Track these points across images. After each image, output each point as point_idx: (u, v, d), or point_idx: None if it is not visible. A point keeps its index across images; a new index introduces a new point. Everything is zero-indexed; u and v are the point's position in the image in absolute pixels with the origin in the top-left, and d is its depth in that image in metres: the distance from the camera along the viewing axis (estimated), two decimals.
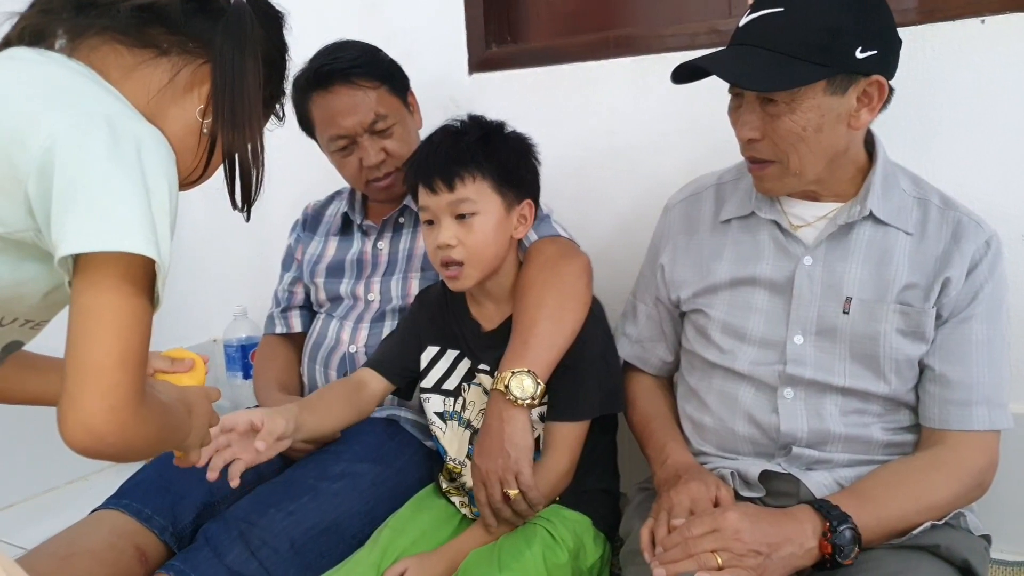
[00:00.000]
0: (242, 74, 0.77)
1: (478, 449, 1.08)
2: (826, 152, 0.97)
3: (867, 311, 0.99)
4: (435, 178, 1.10)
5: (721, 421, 1.08)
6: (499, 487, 1.06)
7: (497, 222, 1.13)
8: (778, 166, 0.99)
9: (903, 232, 1.00)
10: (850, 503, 0.92)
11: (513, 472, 1.05)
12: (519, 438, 1.06)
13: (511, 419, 1.07)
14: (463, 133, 1.14)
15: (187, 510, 1.19)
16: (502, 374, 1.08)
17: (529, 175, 1.18)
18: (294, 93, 1.37)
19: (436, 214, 1.12)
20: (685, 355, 1.17)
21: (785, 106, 0.94)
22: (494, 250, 1.13)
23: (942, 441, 0.98)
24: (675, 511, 0.96)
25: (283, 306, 1.54)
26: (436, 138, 1.16)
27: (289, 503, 1.16)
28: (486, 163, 1.11)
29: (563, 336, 1.12)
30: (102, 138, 0.65)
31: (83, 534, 1.13)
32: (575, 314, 1.14)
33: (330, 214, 1.53)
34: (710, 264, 1.10)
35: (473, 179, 1.11)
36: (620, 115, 1.47)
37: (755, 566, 0.87)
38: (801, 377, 1.02)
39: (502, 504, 1.06)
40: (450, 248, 1.11)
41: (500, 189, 1.13)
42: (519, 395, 1.06)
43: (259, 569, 1.10)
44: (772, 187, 1.02)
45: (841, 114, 0.95)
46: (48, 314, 0.78)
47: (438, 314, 1.24)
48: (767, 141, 0.97)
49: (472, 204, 1.11)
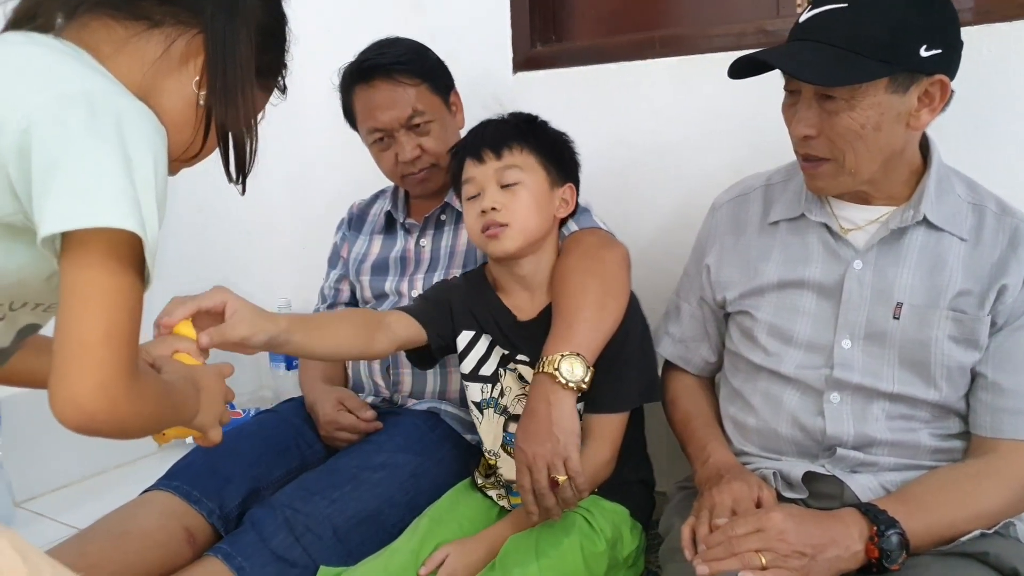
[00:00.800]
0: (234, 42, 0.77)
1: (523, 434, 1.06)
2: (883, 152, 0.96)
3: (918, 317, 0.98)
4: (483, 148, 1.14)
5: (765, 422, 1.07)
6: (546, 472, 1.03)
7: (541, 195, 1.16)
8: (833, 164, 0.98)
9: (957, 238, 0.99)
10: (898, 508, 0.91)
11: (562, 457, 1.03)
12: (567, 422, 1.05)
13: (559, 402, 1.05)
14: (509, 119, 1.20)
15: (233, 494, 1.23)
16: (550, 357, 1.07)
17: (571, 163, 1.22)
18: (340, 85, 1.41)
19: (482, 184, 1.15)
20: (729, 356, 1.17)
21: (844, 103, 0.93)
22: (537, 221, 1.15)
23: (994, 449, 0.97)
24: (717, 510, 0.95)
25: (329, 302, 1.57)
26: (482, 124, 1.21)
27: (332, 491, 1.18)
28: (532, 139, 1.16)
29: (607, 323, 1.12)
30: (79, 114, 0.64)
31: (135, 514, 1.17)
32: (618, 302, 1.14)
33: (374, 213, 1.56)
34: (757, 265, 1.09)
35: (521, 150, 1.15)
36: (664, 115, 1.47)
37: (799, 567, 0.86)
38: (848, 382, 1.01)
39: (547, 491, 1.04)
40: (495, 212, 1.12)
41: (545, 164, 1.16)
42: (569, 378, 1.05)
43: (303, 555, 1.13)
44: (825, 186, 1.01)
45: (901, 113, 0.94)
46: (57, 296, 0.80)
47: (472, 299, 1.24)
48: (823, 138, 0.96)
49: (518, 172, 1.14)
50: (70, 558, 1.07)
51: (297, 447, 1.36)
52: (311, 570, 1.11)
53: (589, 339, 1.09)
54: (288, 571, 1.11)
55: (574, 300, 1.12)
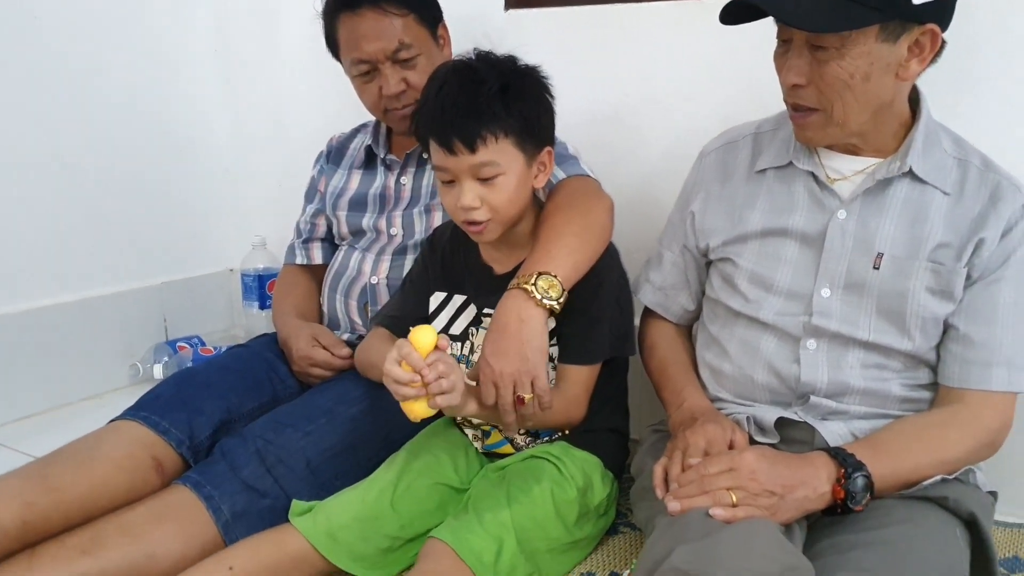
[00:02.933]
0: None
1: (491, 348, 1.03)
2: (871, 102, 0.96)
3: (898, 268, 0.99)
4: (453, 139, 1.03)
5: (740, 369, 1.08)
6: (511, 389, 1.02)
7: (519, 178, 1.09)
8: (821, 115, 0.98)
9: (940, 191, 1.00)
10: (866, 453, 0.93)
11: (530, 376, 1.02)
12: (538, 340, 1.03)
13: (530, 319, 1.03)
14: (480, 83, 1.05)
15: (204, 425, 1.22)
16: (526, 274, 1.05)
17: (547, 120, 1.13)
18: (323, 11, 1.36)
19: (456, 175, 1.07)
20: (708, 303, 1.17)
21: (835, 51, 0.92)
22: (518, 206, 1.11)
23: (960, 399, 0.99)
24: (690, 451, 0.97)
25: (304, 237, 1.55)
26: (450, 88, 1.06)
27: (307, 424, 1.18)
28: (508, 119, 1.05)
29: (585, 256, 1.10)
30: None
31: (101, 441, 1.15)
32: (599, 241, 1.13)
33: (354, 147, 1.52)
34: (742, 213, 1.09)
35: (496, 139, 1.04)
36: (657, 60, 1.45)
37: (768, 506, 0.88)
38: (826, 329, 1.02)
39: (511, 407, 1.03)
40: (474, 210, 1.07)
41: (522, 145, 1.08)
42: (543, 295, 1.03)
43: (274, 485, 1.12)
44: (813, 136, 1.01)
45: (891, 63, 0.93)
46: None
47: (449, 256, 1.23)
48: (812, 88, 0.96)
49: (495, 167, 1.06)
50: (31, 481, 1.06)
51: (270, 381, 1.35)
52: (282, 501, 1.11)
53: (567, 265, 1.07)
54: (259, 501, 1.11)
55: (556, 230, 1.11)
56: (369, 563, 1.06)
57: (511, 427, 1.06)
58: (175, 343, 1.81)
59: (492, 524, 1.03)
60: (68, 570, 0.99)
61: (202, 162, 1.98)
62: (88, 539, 1.03)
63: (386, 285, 1.37)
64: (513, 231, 1.17)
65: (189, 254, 1.97)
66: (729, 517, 0.86)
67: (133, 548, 1.02)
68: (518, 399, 1.02)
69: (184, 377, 1.33)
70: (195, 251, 1.99)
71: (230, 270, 2.05)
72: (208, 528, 1.07)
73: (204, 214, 2.00)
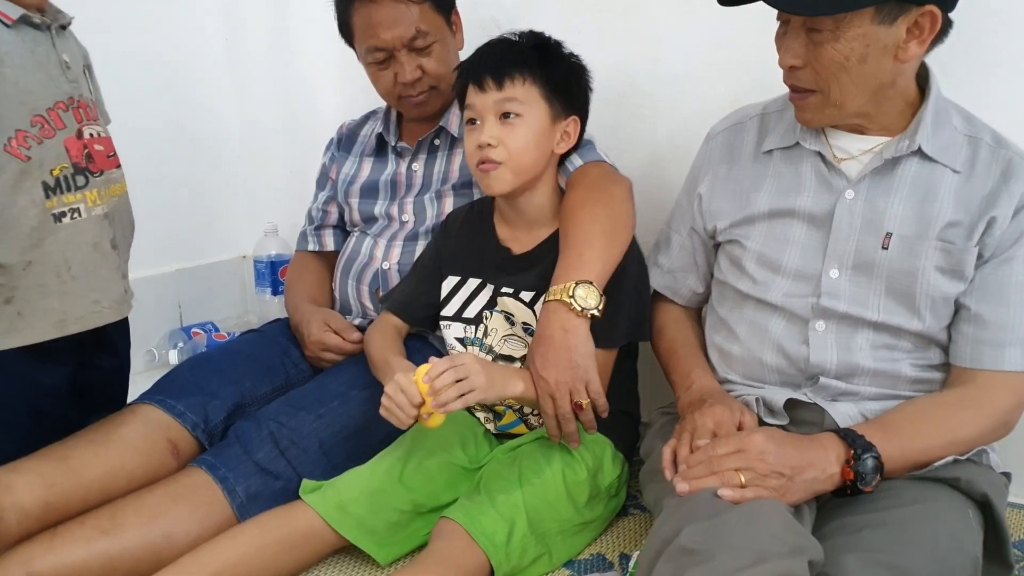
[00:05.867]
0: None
1: (541, 362, 1.06)
2: (869, 84, 0.95)
3: (907, 247, 0.99)
4: (485, 76, 1.11)
5: (749, 351, 1.08)
6: (568, 398, 1.05)
7: (540, 129, 1.13)
8: (819, 96, 0.97)
9: (950, 169, 0.99)
10: (875, 433, 0.92)
11: (583, 381, 1.05)
12: (585, 347, 1.07)
13: (574, 329, 1.06)
14: (518, 41, 1.15)
15: (218, 409, 1.23)
16: (564, 285, 1.07)
17: (580, 93, 1.18)
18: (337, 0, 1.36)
19: (481, 113, 1.12)
20: (717, 286, 1.17)
21: (830, 33, 0.92)
22: (533, 156, 1.13)
23: (972, 380, 0.99)
24: (698, 432, 0.97)
25: (316, 224, 1.55)
26: (492, 43, 1.16)
27: (319, 407, 1.19)
28: (538, 69, 1.12)
29: (615, 253, 1.12)
30: None
31: (118, 424, 1.17)
32: (626, 232, 1.15)
33: (364, 134, 1.52)
34: (749, 195, 1.09)
35: (523, 81, 1.11)
36: (666, 42, 1.44)
37: (777, 487, 0.88)
38: (834, 310, 1.02)
39: (571, 415, 1.06)
40: (490, 148, 1.11)
41: (548, 97, 1.13)
42: (584, 305, 1.06)
43: (287, 467, 1.14)
44: (812, 117, 1.01)
45: (888, 45, 0.92)
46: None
47: (464, 239, 1.24)
48: (809, 70, 0.96)
49: (518, 105, 1.11)
50: (52, 463, 1.08)
51: (283, 366, 1.36)
52: (295, 483, 1.12)
53: (599, 268, 1.10)
54: (272, 483, 1.13)
55: (583, 230, 1.12)
56: (379, 538, 1.07)
57: (573, 437, 1.08)
58: (189, 329, 1.83)
59: (504, 505, 1.04)
60: (88, 549, 1.01)
61: (215, 151, 1.99)
62: (107, 519, 1.05)
63: (397, 271, 1.37)
64: (529, 203, 1.18)
65: (203, 242, 1.99)
66: (737, 498, 0.86)
67: (150, 528, 1.05)
68: (576, 406, 1.06)
69: (198, 362, 1.35)
70: (208, 239, 2.01)
71: (243, 257, 2.06)
72: (223, 509, 1.09)
73: (217, 202, 2.01)
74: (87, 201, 1.06)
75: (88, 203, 1.06)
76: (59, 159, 1.03)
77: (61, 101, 1.04)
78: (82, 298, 1.07)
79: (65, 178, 1.04)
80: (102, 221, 1.09)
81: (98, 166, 1.08)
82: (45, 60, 1.04)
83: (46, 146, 1.02)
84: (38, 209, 1.02)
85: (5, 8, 0.99)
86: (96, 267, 1.08)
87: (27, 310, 1.03)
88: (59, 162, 1.03)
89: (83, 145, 1.06)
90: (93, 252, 1.07)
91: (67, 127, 1.05)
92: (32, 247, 1.02)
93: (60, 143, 1.04)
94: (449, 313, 1.23)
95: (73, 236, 1.05)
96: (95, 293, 1.08)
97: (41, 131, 1.02)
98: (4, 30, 0.99)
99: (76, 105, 1.06)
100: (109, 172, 1.10)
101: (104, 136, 1.11)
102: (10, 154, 1.00)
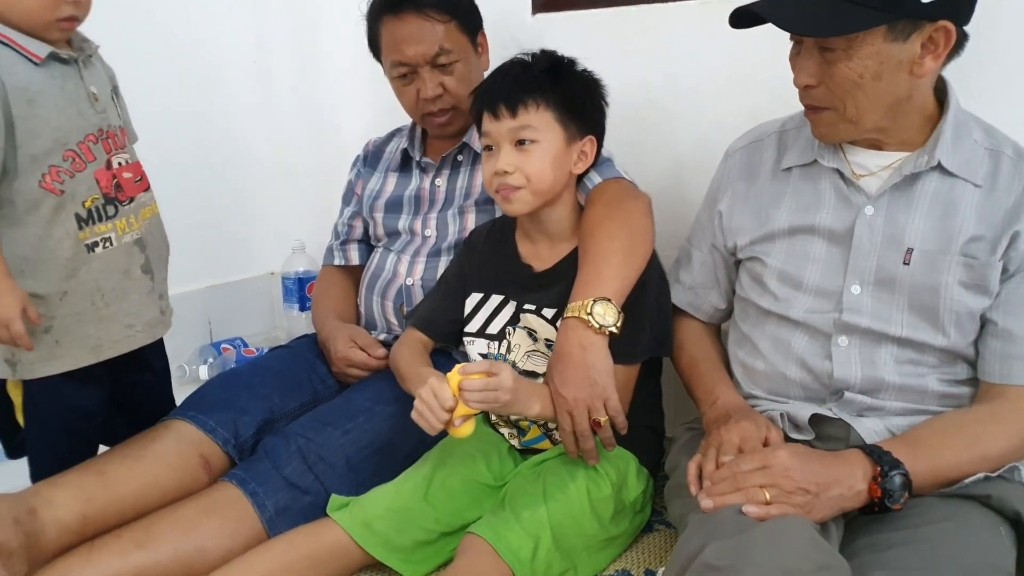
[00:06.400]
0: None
1: (560, 379, 1.07)
2: (884, 100, 0.95)
3: (929, 262, 0.98)
4: (499, 104, 1.12)
5: (773, 366, 1.08)
6: (587, 415, 1.06)
7: (556, 153, 1.14)
8: (833, 113, 0.98)
9: (971, 184, 0.98)
10: (903, 450, 0.92)
11: (602, 399, 1.06)
12: (604, 364, 1.07)
13: (592, 346, 1.07)
14: (532, 64, 1.16)
15: (248, 424, 1.26)
16: (583, 302, 1.08)
17: (595, 112, 1.19)
18: (368, 13, 1.40)
19: (497, 140, 1.13)
20: (739, 302, 1.17)
21: (842, 52, 0.92)
22: (551, 180, 1.14)
23: (1002, 395, 0.98)
24: (724, 448, 0.97)
25: (342, 239, 1.58)
26: (505, 67, 1.17)
27: (346, 422, 1.21)
28: (551, 93, 1.13)
29: (634, 269, 1.13)
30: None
31: (152, 440, 1.20)
32: (644, 248, 1.15)
33: (390, 150, 1.55)
34: (769, 212, 1.09)
35: (537, 107, 1.12)
36: (683, 59, 1.45)
37: (803, 504, 0.88)
38: (857, 326, 1.01)
39: (589, 433, 1.07)
40: (507, 175, 1.12)
41: (563, 121, 1.14)
42: (602, 322, 1.07)
43: (315, 482, 1.16)
44: (827, 133, 1.01)
45: (903, 61, 0.92)
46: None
47: (487, 255, 1.26)
48: (823, 88, 0.96)
49: (533, 131, 1.12)
50: (89, 477, 1.11)
51: (310, 381, 1.38)
52: (323, 497, 1.14)
53: (617, 285, 1.10)
54: (301, 498, 1.14)
55: (601, 247, 1.13)
56: (405, 555, 1.09)
57: (591, 454, 1.09)
58: (219, 345, 1.87)
59: (529, 521, 1.04)
60: (123, 562, 1.04)
61: (243, 171, 2.04)
62: (142, 533, 1.07)
63: (421, 287, 1.39)
64: (550, 220, 1.19)
65: (232, 259, 2.03)
66: (763, 514, 0.85)
67: (183, 542, 1.07)
68: (594, 423, 1.06)
69: (229, 378, 1.38)
70: (237, 256, 2.05)
71: (271, 273, 2.10)
72: (253, 523, 1.11)
73: (246, 220, 2.05)
74: (117, 230, 1.10)
75: (118, 231, 1.10)
76: (90, 191, 1.07)
77: (91, 134, 1.08)
78: (116, 323, 1.11)
79: (96, 209, 1.08)
80: (132, 248, 1.12)
81: (127, 194, 1.12)
82: (74, 95, 1.07)
83: (78, 179, 1.06)
84: (72, 240, 1.06)
85: (33, 47, 1.02)
86: (127, 293, 1.12)
87: (65, 338, 1.08)
88: (90, 194, 1.07)
89: (112, 175, 1.10)
90: (124, 279, 1.11)
91: (97, 159, 1.08)
92: (67, 277, 1.06)
93: (91, 175, 1.07)
94: (473, 329, 1.25)
95: (105, 265, 1.09)
96: (128, 318, 1.12)
97: (73, 165, 1.05)
98: (34, 69, 1.02)
99: (105, 136, 1.10)
100: (139, 197, 1.14)
101: (132, 162, 1.14)
102: (45, 189, 1.03)
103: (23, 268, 1.04)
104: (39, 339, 1.06)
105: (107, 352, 1.11)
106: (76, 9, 1.04)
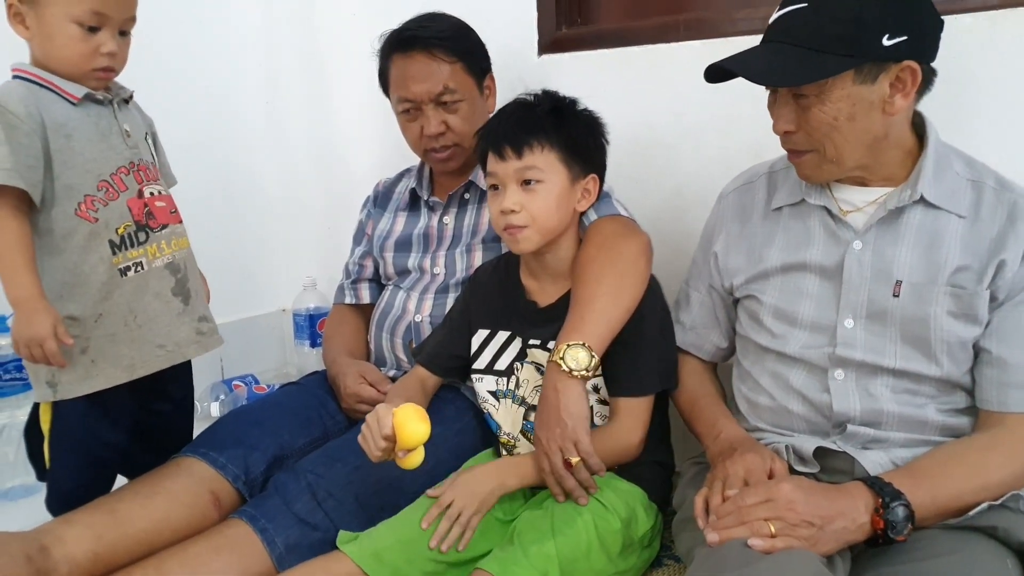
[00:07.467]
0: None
1: (538, 423, 1.11)
2: (861, 139, 0.98)
3: (917, 294, 1.00)
4: (504, 145, 1.15)
5: (776, 401, 1.09)
6: (560, 456, 1.08)
7: (561, 192, 1.16)
8: (815, 155, 1.01)
9: (955, 215, 1.00)
10: (904, 481, 0.92)
11: (572, 440, 1.08)
12: (574, 407, 1.09)
13: (566, 389, 1.10)
14: (535, 105, 1.19)
15: (258, 461, 1.27)
16: (558, 347, 1.11)
17: (597, 151, 1.21)
18: (379, 50, 1.44)
19: (503, 180, 1.16)
20: (739, 340, 1.19)
21: (815, 98, 0.95)
22: (556, 219, 1.17)
23: (1001, 423, 0.98)
24: (730, 481, 0.97)
25: (353, 278, 1.61)
26: (509, 108, 1.21)
27: (355, 458, 1.21)
28: (555, 134, 1.15)
29: (620, 312, 1.14)
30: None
31: (164, 476, 1.22)
32: (633, 291, 1.16)
33: (399, 191, 1.59)
34: (762, 251, 1.11)
35: (541, 148, 1.15)
36: (688, 98, 1.48)
37: (807, 536, 0.88)
38: (851, 359, 1.03)
39: (564, 473, 1.09)
40: (513, 214, 1.14)
41: (567, 161, 1.16)
42: (573, 367, 1.09)
43: (324, 519, 1.16)
44: (812, 174, 1.04)
45: (874, 102, 0.95)
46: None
47: (492, 292, 1.28)
48: (802, 133, 0.99)
49: (538, 172, 1.15)
50: (101, 514, 1.13)
51: (320, 418, 1.39)
52: (332, 533, 1.14)
53: (599, 330, 1.12)
54: (310, 534, 1.15)
55: (588, 290, 1.15)
56: None
57: (574, 493, 1.10)
58: (231, 382, 1.88)
59: (537, 556, 1.04)
60: None
61: (256, 209, 2.08)
62: (152, 570, 1.08)
63: (429, 323, 1.41)
64: (554, 257, 1.21)
65: (244, 296, 2.05)
66: (768, 548, 0.86)
67: None
68: (566, 464, 1.08)
69: (239, 415, 1.39)
70: (249, 293, 2.07)
71: (282, 310, 2.13)
72: (263, 560, 1.12)
73: (257, 257, 2.08)
74: (148, 255, 1.16)
75: (149, 256, 1.16)
76: (123, 218, 1.14)
77: (123, 166, 1.15)
78: (147, 343, 1.17)
79: (129, 235, 1.14)
80: (163, 272, 1.18)
81: (159, 221, 1.18)
82: (108, 131, 1.15)
83: (111, 207, 1.13)
84: (106, 265, 1.12)
85: (71, 88, 1.12)
86: (158, 314, 1.17)
87: (100, 358, 1.13)
88: (123, 221, 1.14)
89: (143, 204, 1.16)
90: (155, 301, 1.17)
91: (128, 188, 1.15)
92: (102, 300, 1.13)
93: (123, 204, 1.14)
94: (481, 366, 1.26)
95: (137, 288, 1.15)
96: (159, 338, 1.18)
97: (106, 194, 1.12)
98: (71, 108, 1.11)
99: (136, 168, 1.17)
100: (173, 226, 1.20)
101: (166, 194, 1.21)
102: (81, 217, 1.11)
103: (62, 293, 1.11)
104: (76, 359, 1.12)
105: (140, 371, 1.16)
106: (111, 61, 1.12)
